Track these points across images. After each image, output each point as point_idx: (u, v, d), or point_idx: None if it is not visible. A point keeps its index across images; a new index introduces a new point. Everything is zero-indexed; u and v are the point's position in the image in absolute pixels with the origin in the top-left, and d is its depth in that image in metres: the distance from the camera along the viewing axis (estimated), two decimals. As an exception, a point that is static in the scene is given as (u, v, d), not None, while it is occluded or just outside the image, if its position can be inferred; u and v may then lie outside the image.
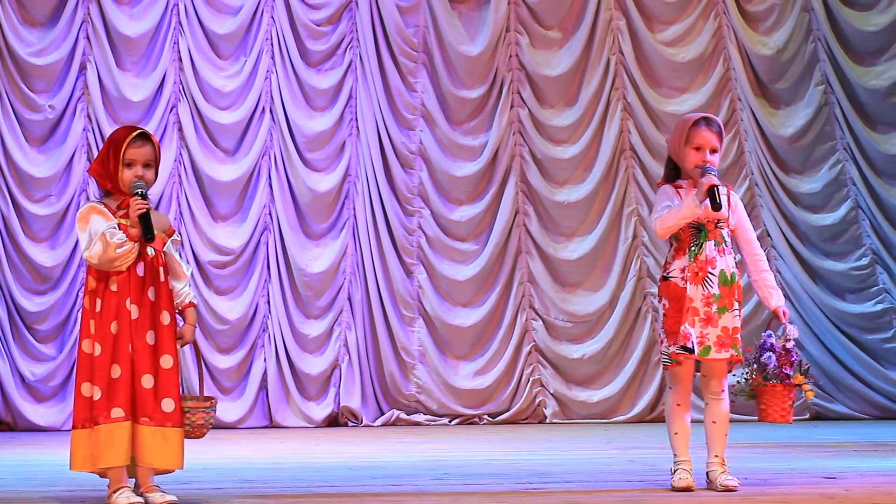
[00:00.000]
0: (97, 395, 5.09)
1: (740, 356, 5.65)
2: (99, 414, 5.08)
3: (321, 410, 10.76)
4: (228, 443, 8.72)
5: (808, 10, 11.41)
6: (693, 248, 5.63)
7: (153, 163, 5.24)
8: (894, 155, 11.34)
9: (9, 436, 9.87)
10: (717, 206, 5.52)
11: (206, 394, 5.51)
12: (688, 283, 5.59)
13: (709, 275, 5.59)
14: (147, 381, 5.12)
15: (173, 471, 5.27)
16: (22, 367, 10.39)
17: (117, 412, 5.08)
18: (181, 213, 10.78)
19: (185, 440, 5.24)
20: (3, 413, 10.37)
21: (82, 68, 10.74)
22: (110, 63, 10.74)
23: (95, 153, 9.32)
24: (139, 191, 5.16)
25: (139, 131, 5.23)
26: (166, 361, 5.18)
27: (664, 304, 5.65)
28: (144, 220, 5.14)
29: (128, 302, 5.16)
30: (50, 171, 10.62)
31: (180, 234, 10.38)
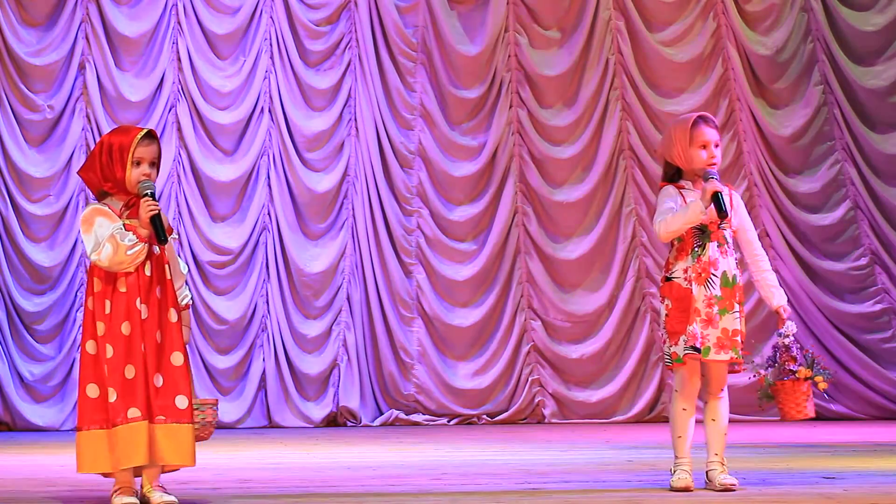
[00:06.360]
0: (112, 397, 5.05)
1: (740, 359, 5.63)
2: (116, 415, 5.05)
3: (320, 410, 10.76)
4: (227, 443, 8.72)
5: (807, 10, 11.40)
6: (696, 250, 5.61)
7: (157, 161, 5.22)
8: (893, 155, 11.33)
9: (7, 436, 9.87)
10: (723, 214, 5.49)
11: (202, 395, 5.50)
12: (692, 283, 5.58)
13: (711, 276, 5.58)
14: (157, 380, 5.11)
15: (178, 469, 5.26)
16: (21, 367, 10.38)
17: (134, 412, 5.05)
18: (180, 213, 10.78)
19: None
20: (1, 413, 10.36)
21: (81, 68, 10.74)
22: (109, 63, 10.75)
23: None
24: (149, 192, 5.12)
25: (147, 130, 5.21)
26: (177, 359, 5.15)
27: (667, 305, 5.64)
28: (157, 222, 5.10)
29: (138, 302, 5.13)
30: (49, 171, 10.62)
31: (178, 233, 10.40)
